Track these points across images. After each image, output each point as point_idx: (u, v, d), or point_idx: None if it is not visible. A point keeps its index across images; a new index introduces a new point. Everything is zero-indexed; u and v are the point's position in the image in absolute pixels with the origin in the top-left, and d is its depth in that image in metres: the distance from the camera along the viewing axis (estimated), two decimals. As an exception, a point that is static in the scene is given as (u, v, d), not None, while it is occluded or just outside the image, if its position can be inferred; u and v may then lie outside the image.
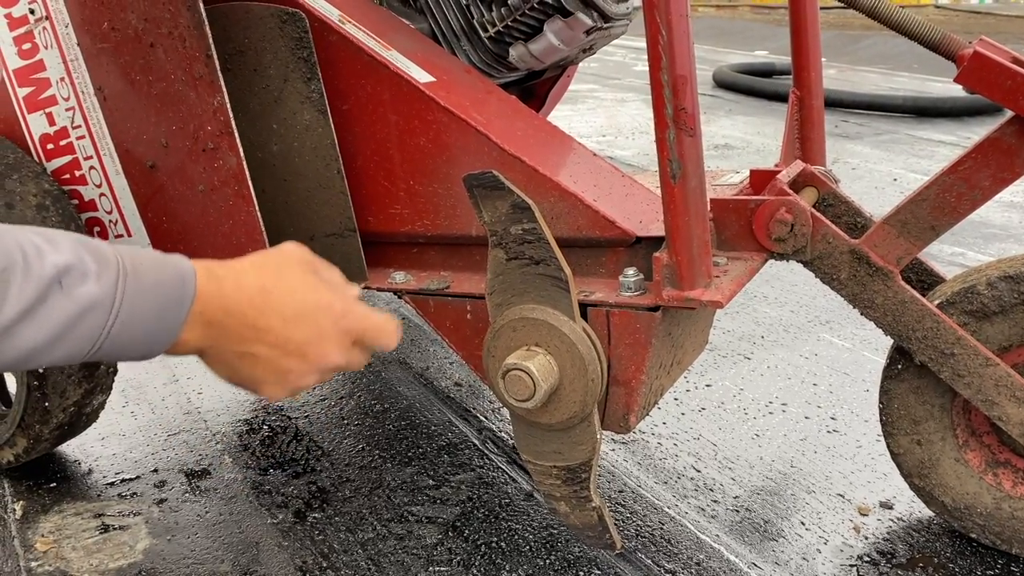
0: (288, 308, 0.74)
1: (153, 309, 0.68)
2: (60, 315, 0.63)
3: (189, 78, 1.06)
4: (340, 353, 0.77)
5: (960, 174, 1.01)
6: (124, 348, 0.68)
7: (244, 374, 0.75)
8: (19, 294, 0.60)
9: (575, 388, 1.02)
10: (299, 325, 0.74)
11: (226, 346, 0.73)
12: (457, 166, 1.16)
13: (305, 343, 0.75)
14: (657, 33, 0.94)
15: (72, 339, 0.64)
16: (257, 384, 0.77)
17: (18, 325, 0.61)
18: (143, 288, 0.67)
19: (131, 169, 1.17)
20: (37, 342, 0.63)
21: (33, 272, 0.61)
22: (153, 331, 0.69)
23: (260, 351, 0.74)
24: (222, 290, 0.72)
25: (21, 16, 1.15)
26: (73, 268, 0.63)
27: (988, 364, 1.07)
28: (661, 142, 0.98)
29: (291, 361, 0.75)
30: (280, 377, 0.76)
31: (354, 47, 1.16)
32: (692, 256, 1.01)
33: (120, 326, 0.66)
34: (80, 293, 0.63)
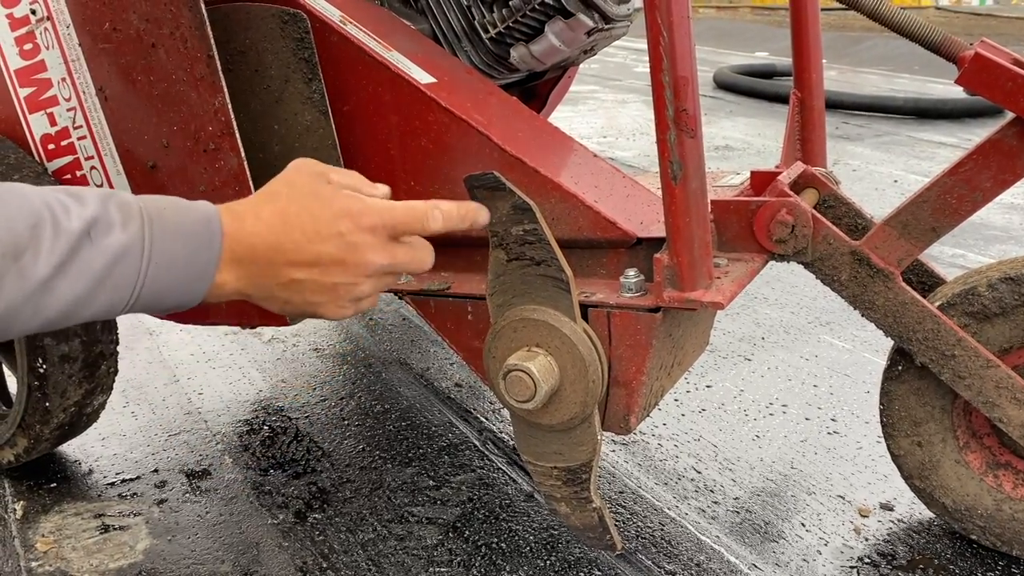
0: (307, 224, 0.74)
1: (183, 251, 0.69)
2: (94, 266, 0.64)
3: (190, 78, 1.06)
4: (377, 251, 0.77)
5: (961, 176, 1.01)
6: (163, 294, 0.69)
7: (297, 302, 0.76)
8: (51, 249, 0.62)
9: (576, 389, 1.02)
10: (322, 237, 0.75)
11: (265, 281, 0.74)
12: (458, 167, 1.16)
13: (336, 251, 0.75)
14: (658, 34, 0.94)
15: (109, 288, 0.66)
16: (316, 308, 0.77)
17: (55, 279, 0.63)
18: (169, 232, 0.68)
19: (132, 169, 1.17)
20: (76, 294, 0.64)
21: (62, 227, 0.63)
22: (187, 274, 0.70)
23: (298, 274, 0.74)
24: (244, 226, 0.73)
25: (23, 16, 1.15)
26: (100, 220, 0.65)
27: (989, 366, 1.07)
28: (662, 143, 0.98)
29: (332, 274, 0.75)
30: (332, 293, 0.76)
31: (355, 48, 1.16)
32: (693, 257, 1.01)
33: (154, 271, 0.67)
34: (109, 243, 0.65)
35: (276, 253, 0.73)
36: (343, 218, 0.75)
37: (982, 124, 4.45)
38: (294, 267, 0.74)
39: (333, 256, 0.75)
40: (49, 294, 0.63)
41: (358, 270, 0.76)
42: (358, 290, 0.77)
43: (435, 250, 1.25)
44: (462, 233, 1.19)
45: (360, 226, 0.76)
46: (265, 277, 0.74)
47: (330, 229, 0.74)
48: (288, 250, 0.73)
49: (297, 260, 0.74)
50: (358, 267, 0.76)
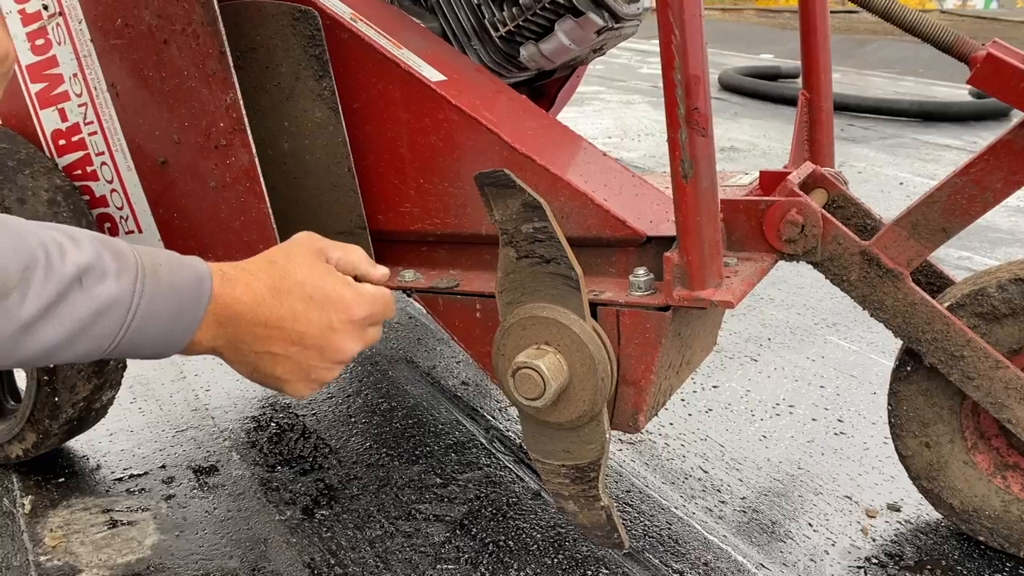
0: (299, 305, 0.75)
1: (170, 309, 0.69)
2: (80, 313, 0.64)
3: (202, 75, 1.06)
4: (356, 342, 0.79)
5: (972, 176, 1.01)
6: (140, 347, 0.69)
7: (266, 372, 0.77)
8: (40, 292, 0.61)
9: (585, 387, 1.02)
10: (311, 321, 0.75)
11: (242, 347, 0.75)
12: (468, 165, 1.16)
13: (320, 336, 0.76)
14: (670, 33, 0.94)
15: (90, 337, 0.65)
16: (281, 383, 0.78)
17: (39, 323, 0.62)
18: (161, 288, 0.68)
19: (143, 165, 1.17)
20: (56, 339, 0.63)
21: (55, 270, 0.62)
22: (169, 330, 0.70)
23: (277, 349, 0.75)
24: (234, 292, 0.73)
25: (34, 12, 1.15)
26: (94, 267, 0.64)
27: (998, 367, 1.06)
28: (673, 142, 0.98)
29: (310, 357, 0.76)
30: (302, 374, 0.77)
31: (366, 45, 1.16)
32: (703, 256, 1.01)
33: (138, 325, 0.67)
34: (100, 292, 0.64)
35: (260, 326, 0.74)
36: (336, 307, 0.77)
37: (987, 127, 4.44)
38: (274, 342, 0.74)
39: (316, 342, 0.76)
40: (30, 336, 0.62)
41: (335, 357, 0.78)
42: (327, 375, 0.79)
43: (445, 247, 1.26)
44: (471, 230, 1.21)
45: (351, 319, 0.78)
46: (243, 344, 0.74)
47: (320, 316, 0.75)
48: (272, 326, 0.74)
49: (280, 337, 0.74)
50: (336, 355, 0.77)
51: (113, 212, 1.22)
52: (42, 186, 1.17)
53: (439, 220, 1.22)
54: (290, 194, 1.21)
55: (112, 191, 1.21)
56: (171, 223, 1.19)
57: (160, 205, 1.19)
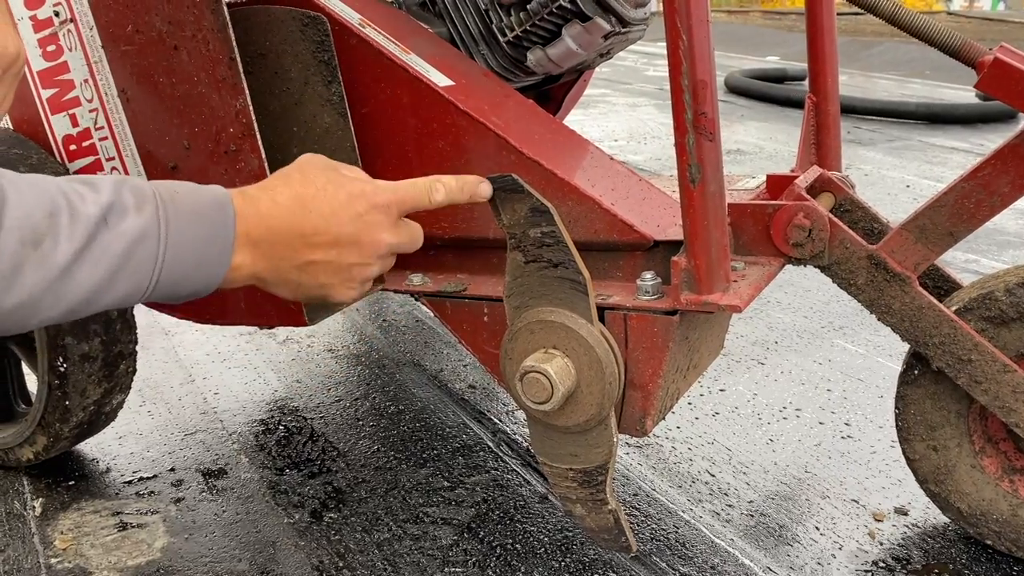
0: (325, 205, 0.76)
1: (199, 234, 0.70)
2: (112, 250, 0.65)
3: (212, 80, 1.07)
4: (389, 230, 0.79)
5: (979, 180, 1.01)
6: (182, 279, 0.70)
7: (310, 285, 0.77)
8: (70, 236, 0.62)
9: (592, 391, 1.03)
10: (341, 217, 0.76)
11: (282, 263, 0.75)
12: (475, 169, 1.16)
13: (354, 232, 0.77)
14: (678, 38, 0.94)
15: (129, 272, 0.66)
16: (327, 291, 0.78)
17: (75, 266, 0.63)
18: (183, 213, 0.69)
19: (153, 170, 1.18)
20: (97, 280, 0.65)
21: (79, 213, 0.63)
22: (204, 257, 0.70)
23: (316, 255, 0.76)
24: (259, 208, 0.74)
25: (46, 18, 1.16)
26: (115, 205, 0.65)
27: (1006, 370, 1.06)
28: (680, 146, 0.98)
29: (348, 254, 0.77)
30: (345, 275, 0.78)
31: (374, 51, 1.17)
32: (711, 260, 1.01)
33: (171, 254, 0.68)
34: (125, 227, 0.65)
35: (295, 236, 0.74)
36: (358, 198, 0.77)
37: (994, 129, 4.43)
38: (312, 248, 0.75)
39: (351, 236, 0.76)
40: (70, 281, 0.63)
41: (373, 249, 0.78)
42: (369, 271, 0.79)
43: (453, 251, 1.27)
44: (479, 234, 1.21)
45: (375, 205, 0.78)
46: (282, 259, 0.74)
47: (347, 210, 0.76)
48: (307, 232, 0.74)
49: (316, 241, 0.75)
50: (373, 246, 0.78)
51: (123, 217, 1.23)
52: (53, 191, 1.17)
53: (447, 224, 1.23)
54: (299, 198, 1.22)
55: (122, 196, 1.21)
56: (181, 227, 1.20)
57: (170, 210, 1.19)
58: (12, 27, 0.81)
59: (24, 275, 0.60)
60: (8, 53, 0.77)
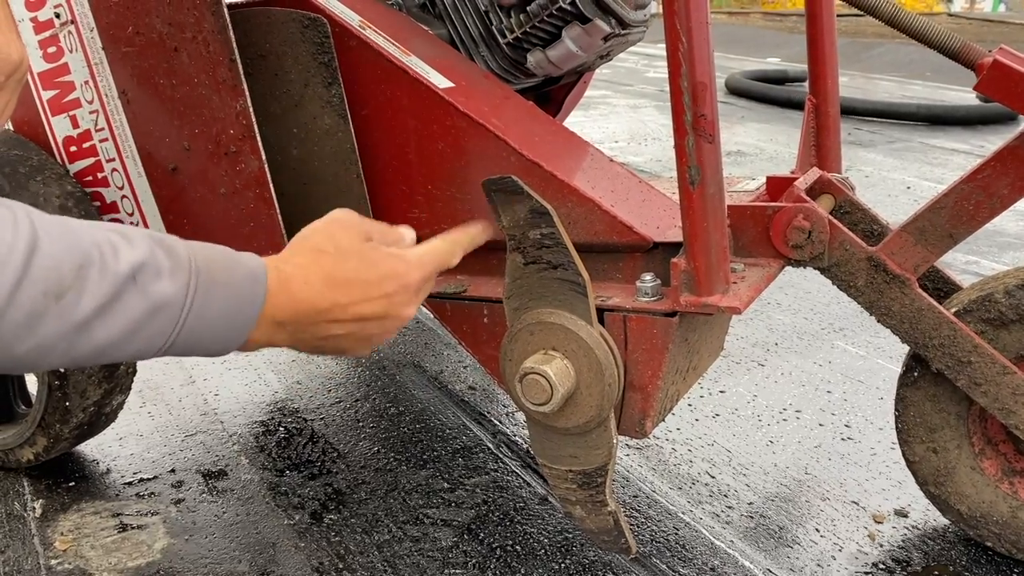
0: (356, 291, 0.76)
1: (224, 309, 0.68)
2: (134, 312, 0.63)
3: (212, 82, 1.07)
4: (413, 306, 0.81)
5: (979, 182, 1.01)
6: (194, 346, 0.69)
7: (329, 348, 0.78)
8: (96, 291, 0.61)
9: (592, 392, 1.03)
10: (370, 299, 0.76)
11: (303, 336, 0.75)
12: (475, 171, 1.17)
13: (381, 311, 0.77)
14: (677, 40, 0.94)
15: (144, 336, 0.65)
16: (345, 352, 0.80)
17: (94, 322, 0.62)
18: (216, 287, 0.68)
19: (153, 172, 1.18)
20: (111, 338, 0.63)
21: (109, 269, 0.62)
22: (224, 329, 0.69)
23: (338, 330, 0.76)
24: (290, 290, 0.73)
25: (47, 20, 1.16)
26: (147, 265, 0.64)
27: (1005, 372, 1.06)
28: (680, 148, 0.99)
29: (371, 327, 0.78)
30: (365, 342, 0.79)
31: (374, 52, 1.17)
32: (710, 262, 1.01)
33: (192, 324, 0.67)
34: (154, 290, 0.64)
35: (320, 315, 0.74)
36: (389, 279, 0.77)
37: (995, 131, 4.43)
38: (336, 324, 0.75)
39: (376, 314, 0.77)
40: (85, 335, 0.62)
41: (395, 323, 0.79)
42: (387, 337, 0.81)
43: (451, 253, 1.27)
44: (479, 236, 1.21)
45: (405, 286, 0.78)
46: (304, 334, 0.75)
47: (377, 291, 0.76)
48: (334, 313, 0.75)
49: (341, 319, 0.75)
50: (396, 321, 0.79)
51: (123, 218, 1.23)
52: (53, 192, 1.18)
53: (447, 225, 1.22)
54: (299, 200, 1.22)
55: (123, 197, 1.22)
56: (181, 229, 1.20)
57: (170, 211, 1.19)
58: (15, 34, 0.81)
59: (42, 326, 0.59)
60: (11, 60, 0.77)
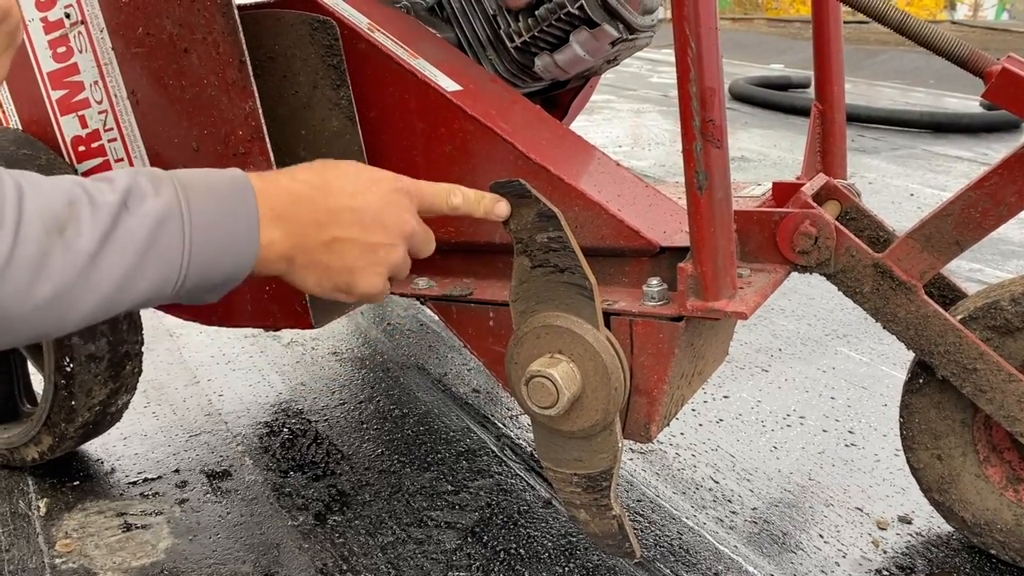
0: (348, 183, 0.76)
1: (220, 209, 0.69)
2: (137, 233, 0.64)
3: (222, 83, 1.08)
4: (412, 212, 0.80)
5: (986, 189, 1.01)
6: (215, 261, 0.69)
7: (338, 268, 0.76)
8: (92, 222, 0.62)
9: (598, 396, 1.03)
10: (364, 194, 0.76)
11: (308, 240, 0.74)
12: (482, 174, 1.17)
13: (379, 208, 0.77)
14: (686, 45, 0.95)
15: (157, 256, 0.66)
16: (355, 276, 0.77)
17: (102, 252, 0.63)
18: (201, 192, 0.69)
19: (162, 172, 1.18)
20: (126, 266, 0.64)
21: (98, 201, 0.63)
22: (233, 234, 0.70)
23: (342, 232, 0.75)
24: (280, 184, 0.74)
25: (56, 20, 1.17)
26: (132, 190, 0.65)
27: (1011, 380, 1.07)
28: (688, 153, 0.99)
29: (375, 232, 0.76)
30: (372, 256, 0.77)
31: (383, 55, 1.17)
32: (717, 267, 1.01)
33: (198, 234, 0.67)
34: (146, 209, 0.65)
35: (320, 210, 0.74)
36: (380, 181, 0.78)
37: (999, 139, 4.43)
38: (338, 223, 0.74)
39: (375, 212, 0.76)
40: (99, 268, 0.63)
41: (398, 229, 0.78)
42: (395, 254, 0.78)
43: (459, 256, 1.27)
44: (485, 239, 1.21)
45: (396, 188, 0.79)
46: (308, 236, 0.74)
47: (370, 189, 0.77)
48: (332, 207, 0.74)
49: (342, 218, 0.74)
50: (398, 225, 0.77)
51: (131, 218, 1.23)
52: (62, 192, 1.18)
53: (453, 228, 1.23)
54: (306, 201, 1.22)
55: (130, 197, 1.22)
56: (188, 229, 1.20)
57: (178, 211, 1.20)
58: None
59: (53, 262, 0.60)
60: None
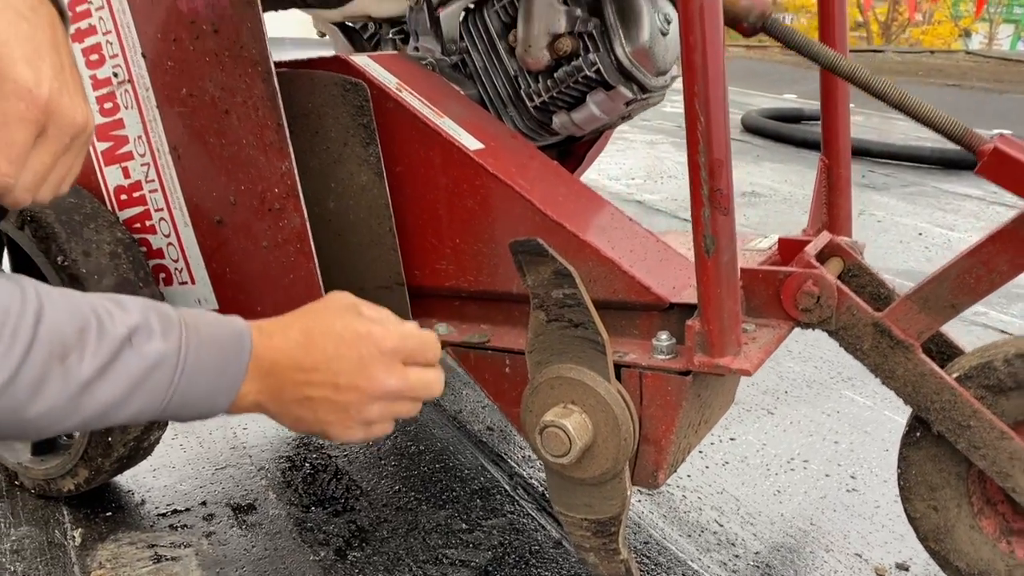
0: (330, 344, 0.78)
1: (215, 363, 0.73)
2: (132, 370, 0.68)
3: (260, 144, 1.15)
4: (390, 375, 0.79)
5: (979, 258, 1.07)
6: (190, 403, 0.73)
7: (308, 419, 0.79)
8: (96, 352, 0.66)
9: (608, 446, 1.08)
10: (342, 358, 0.78)
11: (284, 396, 0.78)
12: (501, 228, 1.23)
13: (352, 373, 0.78)
14: (696, 119, 1.01)
15: (144, 393, 0.69)
16: (325, 427, 0.79)
17: (96, 381, 0.66)
18: (204, 344, 0.73)
19: (199, 222, 1.25)
20: (113, 397, 0.68)
21: (107, 332, 0.67)
22: (216, 385, 0.74)
23: (314, 392, 0.77)
24: (272, 342, 0.77)
25: (105, 78, 1.24)
26: (141, 327, 0.69)
27: (1003, 437, 1.11)
28: (696, 218, 1.05)
29: (346, 395, 0.78)
30: (341, 414, 0.79)
31: (410, 115, 1.24)
32: (723, 325, 1.07)
33: (186, 380, 0.71)
34: (149, 349, 0.69)
35: (296, 370, 0.77)
36: (364, 339, 0.79)
37: (1009, 176, 4.46)
38: (311, 385, 0.77)
39: (350, 379, 0.77)
40: (89, 395, 0.66)
41: (368, 390, 0.79)
42: (367, 412, 0.79)
43: (477, 303, 1.33)
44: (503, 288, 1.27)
45: (380, 350, 0.79)
46: (284, 392, 0.77)
47: (350, 351, 0.78)
48: (307, 368, 0.76)
49: (315, 379, 0.77)
50: (370, 389, 0.79)
51: (168, 264, 1.30)
52: (105, 239, 1.25)
53: (472, 278, 1.29)
54: (335, 249, 1.29)
55: (168, 244, 1.29)
56: (223, 277, 1.27)
57: (214, 260, 1.26)
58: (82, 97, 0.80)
59: (50, 386, 0.64)
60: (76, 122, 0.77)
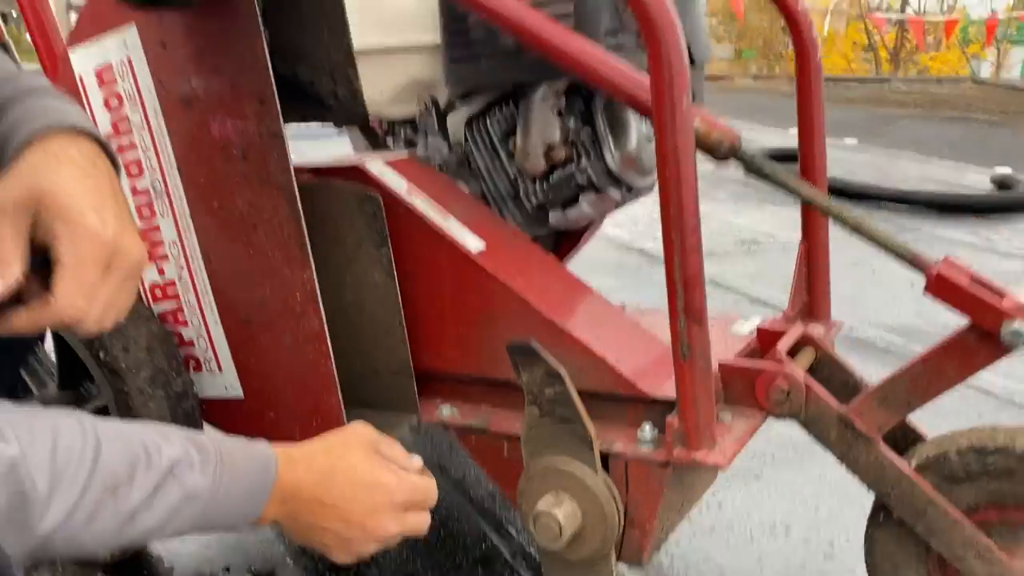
0: (348, 488, 0.91)
1: (243, 492, 0.85)
2: (172, 500, 0.78)
3: (284, 256, 1.28)
4: (395, 523, 0.93)
5: (930, 365, 1.18)
6: (218, 524, 0.85)
7: (315, 541, 0.93)
8: (143, 485, 0.76)
9: (596, 531, 1.21)
10: (357, 503, 0.91)
11: (299, 520, 0.90)
12: (500, 322, 1.36)
13: (363, 515, 0.91)
14: (672, 242, 1.13)
15: (179, 519, 0.80)
16: (326, 549, 0.93)
17: (141, 511, 0.76)
18: (237, 477, 0.84)
19: (228, 320, 1.38)
20: (155, 523, 0.78)
21: (154, 464, 0.77)
22: (241, 509, 0.86)
23: (327, 524, 0.90)
24: (296, 473, 0.89)
25: (144, 189, 1.38)
26: (182, 460, 0.80)
27: (957, 524, 1.22)
28: (674, 328, 1.17)
29: (353, 532, 0.91)
30: (345, 546, 0.92)
31: (418, 219, 1.37)
32: (699, 423, 1.19)
33: (216, 508, 0.82)
34: (187, 481, 0.79)
35: (315, 503, 0.89)
36: (379, 490, 0.92)
37: (1005, 219, 4.56)
38: (326, 519, 0.89)
39: (360, 520, 0.90)
40: (134, 523, 0.76)
41: (375, 534, 0.92)
42: (367, 548, 0.93)
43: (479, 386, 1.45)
44: (503, 376, 1.40)
45: (392, 502, 0.92)
46: (300, 517, 0.89)
47: (365, 497, 0.90)
48: (326, 504, 0.89)
49: (331, 515, 0.89)
50: (375, 533, 0.92)
51: (199, 354, 1.43)
52: (142, 334, 1.38)
53: (475, 365, 1.42)
54: (349, 337, 1.41)
55: (199, 337, 1.42)
56: (249, 368, 1.39)
57: (240, 353, 1.39)
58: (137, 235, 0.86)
59: (102, 517, 0.73)
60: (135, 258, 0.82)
